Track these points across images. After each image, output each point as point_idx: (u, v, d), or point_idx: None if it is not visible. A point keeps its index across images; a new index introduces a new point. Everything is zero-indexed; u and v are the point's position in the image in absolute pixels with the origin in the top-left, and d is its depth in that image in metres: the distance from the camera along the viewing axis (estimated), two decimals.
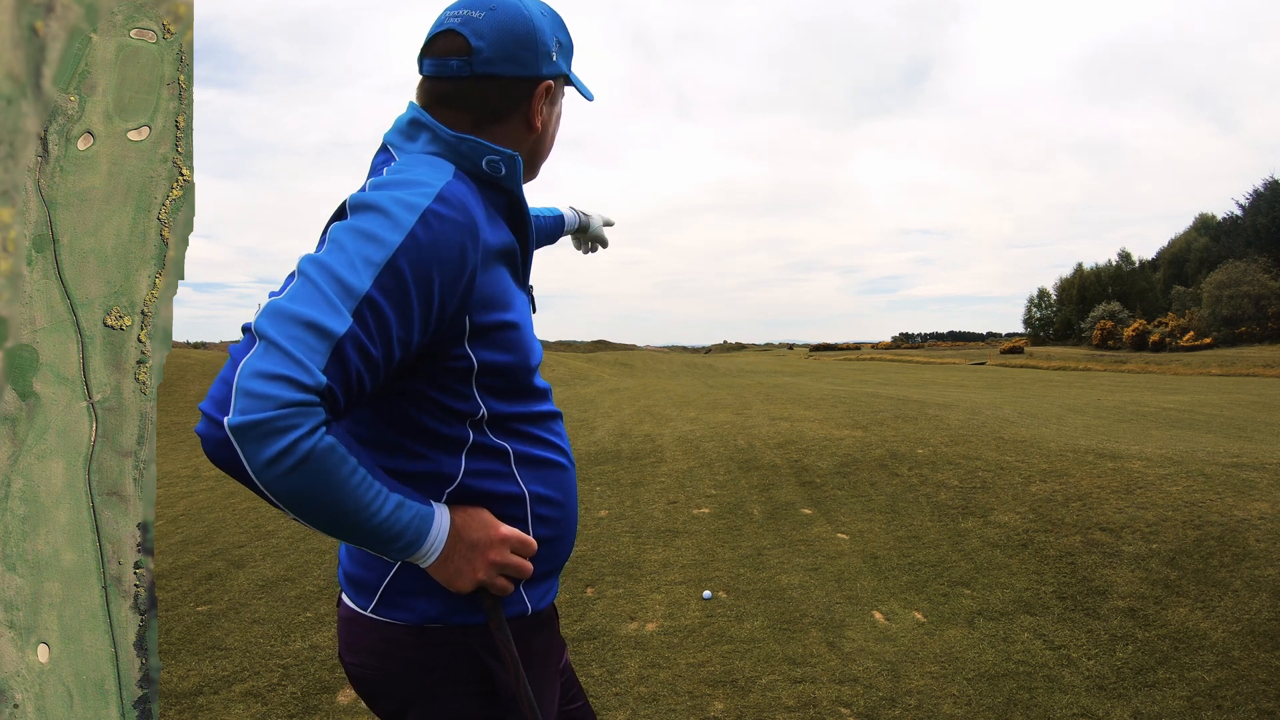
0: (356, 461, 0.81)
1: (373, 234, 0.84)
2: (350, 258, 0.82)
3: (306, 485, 0.77)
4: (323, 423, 0.77)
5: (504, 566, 0.97)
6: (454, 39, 0.99)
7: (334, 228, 0.87)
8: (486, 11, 0.99)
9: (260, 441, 0.74)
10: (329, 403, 0.79)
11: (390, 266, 0.83)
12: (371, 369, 0.82)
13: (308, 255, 0.85)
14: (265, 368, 0.75)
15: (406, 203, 0.86)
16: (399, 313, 0.83)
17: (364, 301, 0.81)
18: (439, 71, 1.00)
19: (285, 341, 0.76)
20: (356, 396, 0.83)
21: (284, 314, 0.78)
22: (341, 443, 0.80)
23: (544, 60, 1.02)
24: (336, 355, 0.78)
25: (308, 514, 0.79)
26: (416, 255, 0.84)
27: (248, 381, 0.74)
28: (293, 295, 0.80)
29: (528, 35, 1.00)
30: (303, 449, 0.75)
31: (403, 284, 0.83)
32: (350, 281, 0.81)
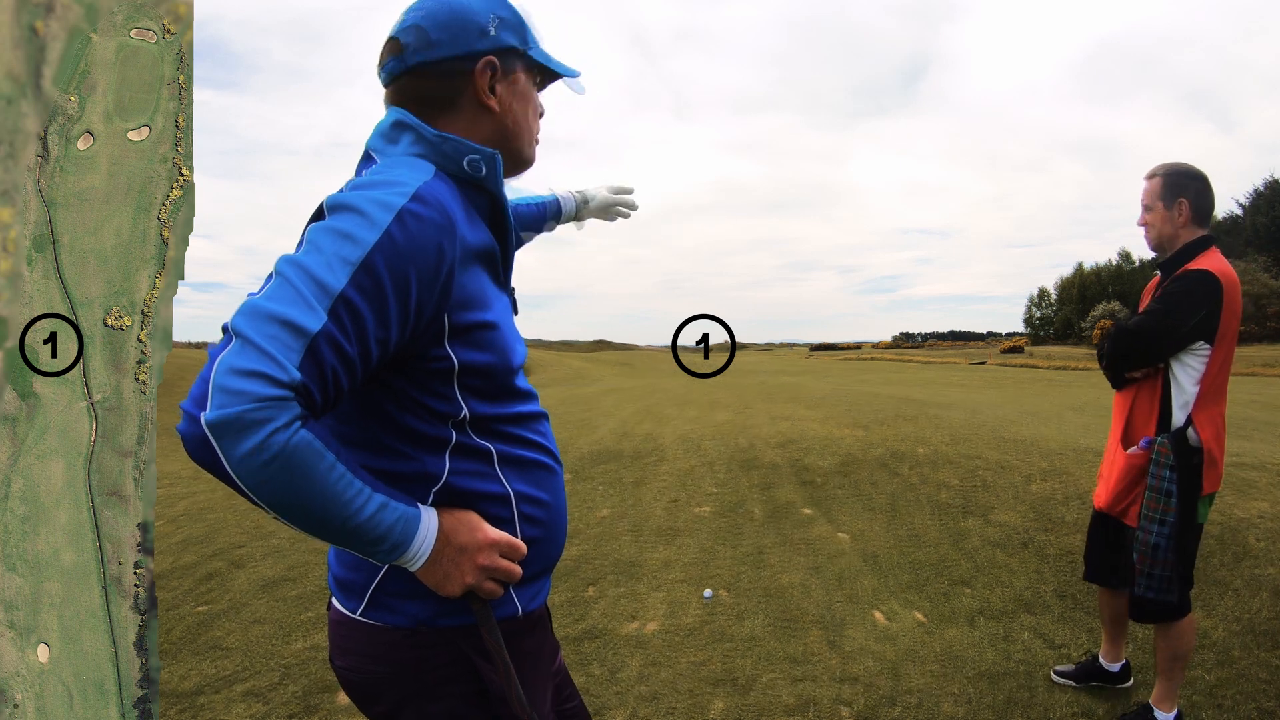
0: (335, 459, 0.82)
1: (348, 233, 0.84)
2: (326, 257, 0.83)
3: (282, 480, 0.77)
4: (297, 417, 0.78)
5: (492, 570, 0.97)
6: (391, 44, 1.02)
7: (311, 229, 0.87)
8: (421, 11, 1.01)
9: (236, 436, 0.74)
10: (304, 399, 0.79)
11: (366, 265, 0.83)
12: (348, 367, 0.83)
13: (285, 255, 0.85)
14: (240, 364, 0.76)
15: (382, 202, 0.87)
16: (375, 311, 0.84)
17: (339, 300, 0.81)
18: (384, 79, 1.04)
19: (260, 339, 0.77)
20: (334, 395, 0.83)
21: (260, 312, 0.79)
22: (320, 440, 0.80)
23: (478, 36, 1.02)
24: (311, 353, 0.79)
25: (286, 510, 0.80)
26: (392, 254, 0.85)
27: (223, 378, 0.75)
28: (269, 294, 0.81)
29: (451, 15, 1.01)
30: (277, 442, 0.76)
31: (379, 283, 0.84)
32: (326, 280, 0.81)
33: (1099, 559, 2.53)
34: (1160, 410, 2.27)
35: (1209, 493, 2.24)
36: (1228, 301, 2.18)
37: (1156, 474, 2.21)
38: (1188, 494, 2.19)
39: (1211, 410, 2.24)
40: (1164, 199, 2.29)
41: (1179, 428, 2.22)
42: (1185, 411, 2.23)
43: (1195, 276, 2.20)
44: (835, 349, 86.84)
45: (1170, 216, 2.29)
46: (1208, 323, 2.17)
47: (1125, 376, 2.36)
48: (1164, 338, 2.20)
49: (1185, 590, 2.25)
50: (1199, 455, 2.21)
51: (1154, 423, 2.28)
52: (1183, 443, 2.21)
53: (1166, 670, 2.30)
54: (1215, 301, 2.16)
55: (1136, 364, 2.30)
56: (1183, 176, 2.29)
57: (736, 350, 66.40)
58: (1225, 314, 2.18)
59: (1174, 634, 2.27)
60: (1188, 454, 2.20)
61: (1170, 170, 2.31)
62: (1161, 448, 2.21)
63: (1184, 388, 2.23)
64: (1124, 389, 2.40)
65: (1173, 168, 2.32)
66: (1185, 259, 2.28)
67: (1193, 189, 2.28)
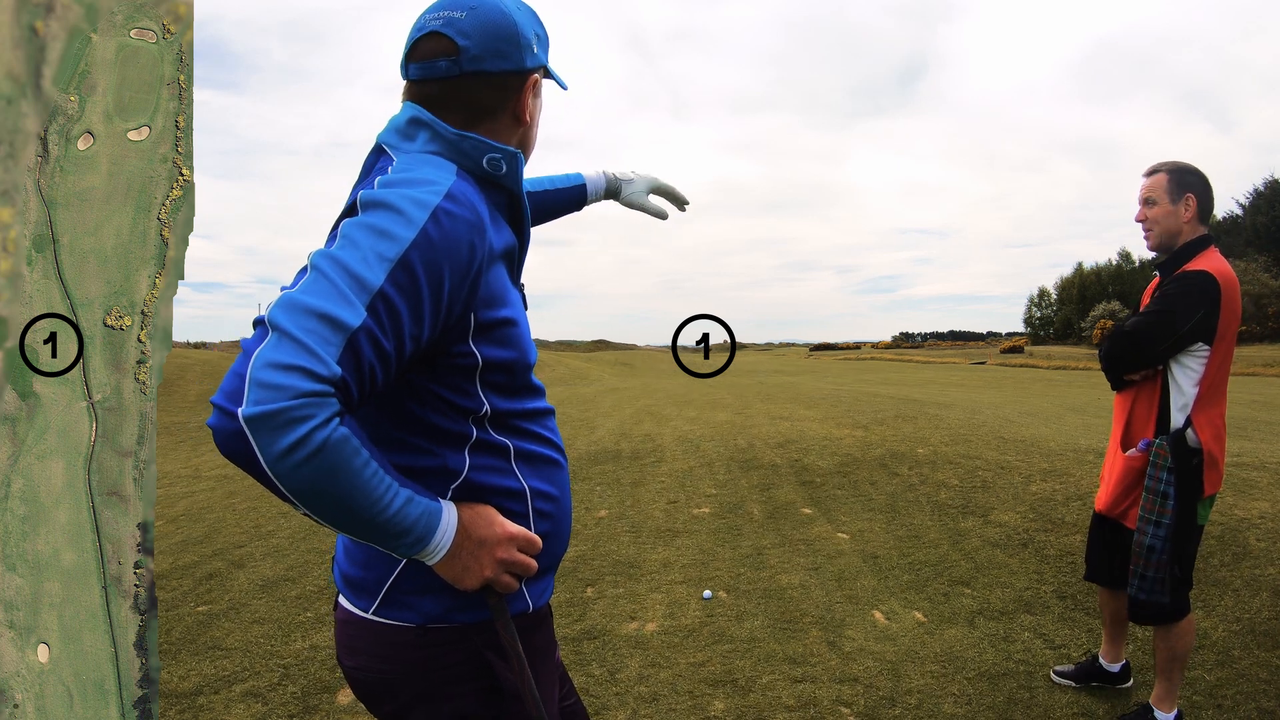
0: (369, 454, 0.81)
1: (386, 230, 0.85)
2: (364, 253, 0.83)
3: (320, 477, 0.77)
4: (337, 413, 0.77)
5: (510, 564, 0.97)
6: (439, 41, 1.00)
7: (346, 224, 0.87)
8: (467, 11, 0.99)
9: (275, 432, 0.73)
10: (343, 394, 0.79)
11: (403, 262, 0.83)
12: (384, 362, 0.83)
13: (319, 250, 0.85)
14: (279, 358, 0.75)
15: (418, 200, 0.87)
16: (411, 308, 0.84)
17: (378, 296, 0.81)
18: (427, 74, 1.01)
19: (299, 333, 0.76)
20: (370, 390, 0.83)
21: (298, 306, 0.78)
22: (355, 435, 0.80)
23: (527, 53, 1.03)
24: (350, 347, 0.79)
25: (319, 506, 0.79)
26: (429, 252, 0.85)
27: (261, 372, 0.74)
28: (306, 288, 0.80)
29: (510, 30, 1.01)
30: (317, 439, 0.75)
31: (415, 280, 0.84)
32: (364, 276, 0.81)
33: (1098, 559, 2.53)
34: (1159, 412, 2.27)
35: (1210, 494, 2.24)
36: (1226, 302, 2.18)
37: (1154, 476, 2.21)
38: (1186, 496, 2.19)
39: (1211, 411, 2.23)
40: (1170, 194, 2.28)
41: (1178, 429, 2.22)
42: (1184, 413, 2.22)
43: (1193, 277, 2.19)
44: (835, 349, 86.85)
45: (1176, 212, 2.28)
46: (1206, 323, 2.17)
47: (1125, 379, 2.36)
48: (1162, 339, 2.20)
49: (1181, 592, 2.25)
50: (1198, 457, 2.21)
51: (1153, 425, 2.28)
52: (1181, 444, 2.21)
53: (1166, 670, 2.30)
54: (1213, 302, 2.16)
55: (1135, 366, 2.30)
56: (1188, 174, 2.29)
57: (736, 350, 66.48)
58: (1224, 314, 2.18)
59: (1173, 634, 2.27)
60: (1186, 456, 2.20)
61: (1175, 167, 2.31)
62: (1160, 449, 2.21)
63: (1183, 389, 2.23)
64: (1123, 391, 2.40)
65: (1176, 164, 2.32)
66: (1184, 259, 2.28)
67: (1198, 186, 2.28)
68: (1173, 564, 2.20)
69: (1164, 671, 2.30)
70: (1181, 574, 2.23)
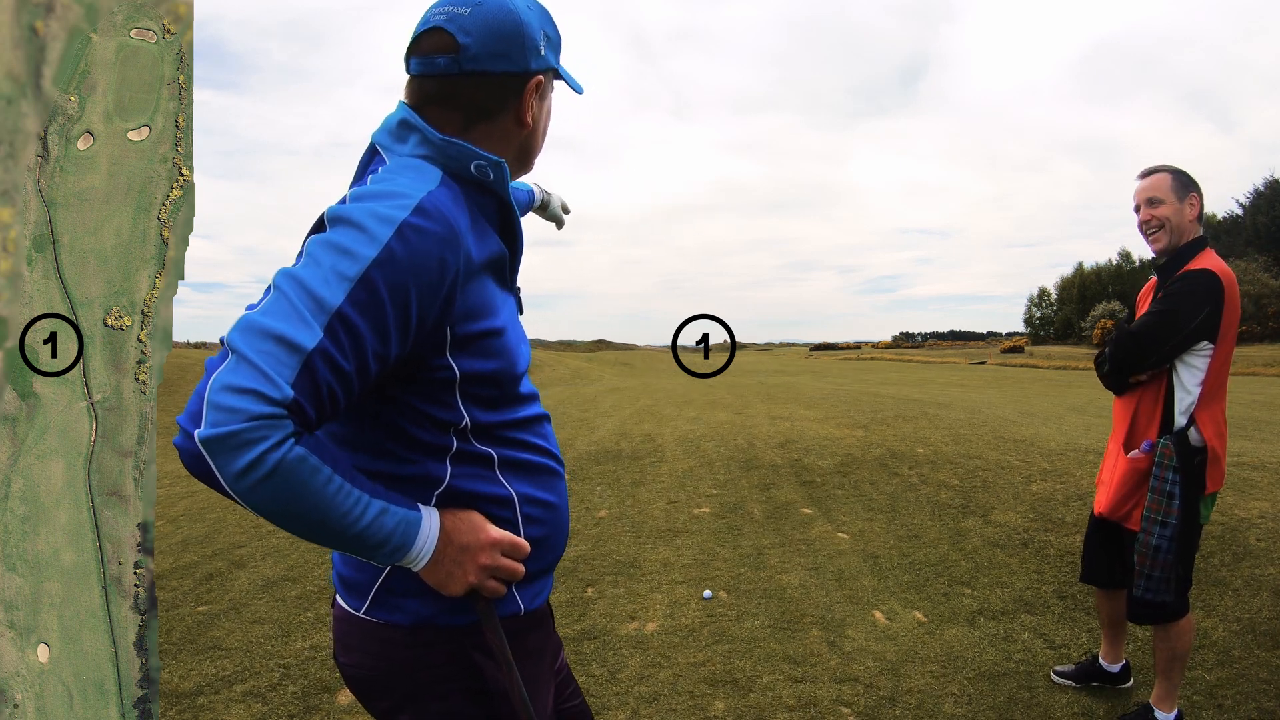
0: (332, 471, 0.82)
1: (346, 248, 0.84)
2: (324, 272, 0.82)
3: (280, 495, 0.78)
4: (291, 434, 0.78)
5: (495, 569, 0.97)
6: (441, 36, 0.98)
7: (310, 241, 0.87)
8: (473, 8, 0.98)
9: (230, 454, 0.75)
10: (298, 416, 0.79)
11: (363, 281, 0.83)
12: (344, 383, 0.83)
13: (283, 269, 0.85)
14: (233, 381, 0.76)
15: (382, 216, 0.86)
16: (373, 327, 0.84)
17: (335, 316, 0.81)
18: (426, 70, 1.00)
19: (254, 355, 0.77)
20: (330, 410, 0.83)
21: (254, 328, 0.79)
22: (317, 452, 0.80)
23: (533, 55, 1.02)
24: (306, 369, 0.79)
25: (285, 522, 0.81)
26: (391, 269, 0.84)
27: (217, 395, 0.76)
28: (265, 310, 0.81)
29: (515, 30, 0.99)
30: (271, 460, 0.76)
31: (376, 298, 0.83)
32: (323, 296, 0.81)
33: (1095, 560, 2.53)
34: (1163, 412, 2.27)
35: (1211, 491, 2.24)
36: (1228, 299, 2.19)
37: (1160, 476, 2.21)
38: (1190, 496, 2.19)
39: (1213, 409, 2.24)
40: (1176, 193, 2.29)
41: (1181, 428, 2.22)
42: (1188, 413, 2.23)
43: (1197, 276, 2.20)
44: (835, 349, 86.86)
45: (1183, 210, 2.29)
46: (1211, 321, 2.17)
47: (1130, 381, 2.36)
48: (1169, 338, 2.20)
49: (1183, 591, 2.25)
50: (1202, 454, 2.21)
51: (1156, 425, 2.28)
52: (1185, 444, 2.21)
53: (1166, 670, 2.30)
54: (1218, 300, 2.17)
55: (1142, 366, 2.29)
56: (1186, 174, 2.32)
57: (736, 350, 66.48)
58: (1227, 312, 2.19)
59: (1173, 634, 2.26)
60: (1190, 454, 2.20)
61: (1175, 168, 2.33)
62: (1165, 450, 2.21)
63: (1188, 389, 2.23)
64: (1126, 394, 2.40)
65: (1173, 166, 2.34)
66: (1185, 259, 2.28)
67: (1197, 186, 2.31)
68: (1178, 564, 2.20)
69: (1164, 671, 2.30)
70: (1183, 573, 2.24)
